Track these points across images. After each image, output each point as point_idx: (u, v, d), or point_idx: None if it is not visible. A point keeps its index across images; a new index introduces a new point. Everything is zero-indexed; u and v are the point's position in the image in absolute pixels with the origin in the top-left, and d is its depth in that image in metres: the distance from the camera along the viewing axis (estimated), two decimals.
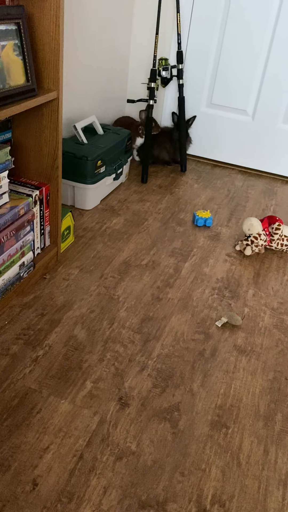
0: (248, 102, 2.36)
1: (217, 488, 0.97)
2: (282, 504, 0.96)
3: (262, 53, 2.23)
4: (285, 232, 1.77)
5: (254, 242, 1.75)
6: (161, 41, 2.28)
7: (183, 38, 2.30)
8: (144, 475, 0.97)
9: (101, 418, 1.07)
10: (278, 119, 2.35)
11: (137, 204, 2.04)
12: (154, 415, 1.10)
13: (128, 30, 2.32)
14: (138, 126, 2.30)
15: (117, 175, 2.04)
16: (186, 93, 2.39)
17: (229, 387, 1.20)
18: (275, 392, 1.20)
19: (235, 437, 1.08)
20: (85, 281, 1.52)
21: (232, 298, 1.54)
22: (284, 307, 1.52)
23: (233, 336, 1.37)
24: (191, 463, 1.01)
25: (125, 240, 1.77)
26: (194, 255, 1.75)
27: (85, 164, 1.81)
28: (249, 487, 0.98)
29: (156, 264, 1.66)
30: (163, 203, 2.09)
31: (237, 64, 2.29)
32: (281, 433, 1.10)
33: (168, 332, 1.36)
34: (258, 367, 1.28)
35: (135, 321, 1.38)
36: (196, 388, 1.18)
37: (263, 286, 1.61)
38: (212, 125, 2.47)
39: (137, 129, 2.30)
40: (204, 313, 1.45)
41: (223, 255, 1.77)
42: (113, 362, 1.23)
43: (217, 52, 2.30)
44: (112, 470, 0.97)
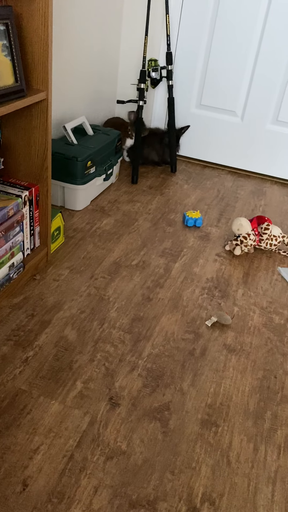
0: (237, 103, 2.38)
1: (207, 486, 0.97)
2: (271, 501, 0.96)
3: (250, 54, 2.25)
4: (274, 232, 1.78)
5: (243, 242, 1.76)
6: (151, 42, 2.29)
7: (173, 39, 2.31)
8: (135, 475, 0.97)
9: (91, 418, 1.08)
10: (267, 120, 2.37)
11: (127, 205, 2.05)
12: (144, 414, 1.10)
13: (117, 31, 2.33)
14: (127, 127, 2.31)
15: (107, 175, 2.04)
16: (175, 94, 2.40)
17: (219, 386, 1.21)
18: (265, 391, 1.21)
19: (225, 436, 1.08)
20: (76, 281, 1.52)
21: (222, 297, 1.55)
22: (273, 306, 1.53)
23: (223, 335, 1.38)
24: (181, 462, 1.01)
25: (115, 240, 1.77)
26: (184, 255, 1.75)
27: (75, 165, 1.81)
28: (239, 485, 0.99)
29: (146, 265, 1.66)
30: (153, 203, 2.09)
31: (226, 65, 2.30)
32: (270, 431, 1.11)
33: (159, 332, 1.37)
34: (248, 365, 1.29)
35: (126, 321, 1.39)
36: (186, 387, 1.19)
37: (252, 286, 1.62)
38: (201, 126, 2.49)
39: (126, 130, 2.30)
40: (194, 312, 1.46)
41: (213, 255, 1.78)
42: (103, 362, 1.23)
43: (206, 53, 2.32)
44: (103, 470, 0.97)
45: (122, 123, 2.35)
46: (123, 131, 2.29)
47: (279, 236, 1.79)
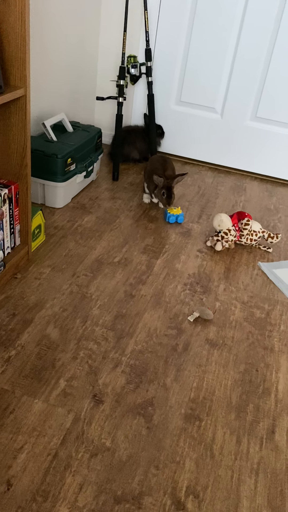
0: (216, 100, 2.39)
1: (191, 479, 0.98)
2: (254, 492, 0.98)
3: (229, 51, 2.26)
4: (254, 227, 1.81)
5: (224, 238, 1.78)
6: (130, 39, 2.28)
7: (151, 36, 2.30)
8: (119, 471, 0.98)
9: (75, 416, 1.07)
10: (246, 116, 2.39)
11: (108, 202, 2.04)
12: (128, 410, 1.11)
13: (96, 27, 2.31)
14: (160, 184, 1.88)
15: (88, 172, 2.03)
16: (155, 90, 2.40)
17: (202, 380, 1.22)
18: (247, 384, 1.23)
19: (208, 429, 1.10)
20: (57, 279, 1.51)
21: (204, 293, 1.56)
22: (254, 300, 1.55)
23: (205, 330, 1.40)
24: (165, 456, 1.02)
25: (97, 238, 1.77)
26: (166, 252, 1.76)
27: (55, 162, 1.80)
28: (222, 477, 1.00)
29: (128, 261, 1.66)
30: (134, 200, 2.09)
31: (205, 62, 2.31)
32: (252, 423, 1.13)
33: (141, 328, 1.37)
34: (230, 359, 1.30)
35: (108, 318, 1.39)
36: (169, 383, 1.20)
37: (233, 281, 1.64)
38: (182, 123, 2.49)
39: (159, 191, 1.90)
40: (176, 308, 1.47)
41: (194, 251, 1.79)
42: (86, 360, 1.23)
43: (185, 50, 2.32)
44: (87, 467, 0.97)
45: (158, 171, 1.92)
46: (152, 180, 1.91)
47: (259, 231, 1.81)
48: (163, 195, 1.87)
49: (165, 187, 1.86)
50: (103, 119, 2.55)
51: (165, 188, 1.86)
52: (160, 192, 1.88)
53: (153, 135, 2.36)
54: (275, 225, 2.05)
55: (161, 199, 1.89)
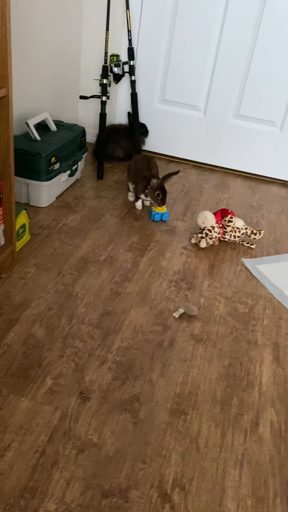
0: (199, 98, 2.41)
1: (177, 472, 1.00)
2: (239, 482, 1.00)
3: (211, 50, 2.28)
4: (237, 224, 1.83)
5: (208, 235, 1.80)
6: (112, 38, 2.29)
7: (134, 35, 2.31)
8: (106, 466, 0.99)
9: (62, 413, 1.08)
10: (228, 114, 2.41)
11: (93, 200, 2.05)
12: (115, 406, 1.12)
13: (79, 26, 2.31)
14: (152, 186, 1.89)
15: (72, 171, 2.03)
16: (138, 89, 2.41)
17: (187, 375, 1.24)
18: (231, 378, 1.25)
19: (193, 423, 1.12)
20: (43, 279, 1.51)
21: (189, 289, 1.58)
22: (238, 296, 1.58)
23: (190, 326, 1.42)
24: (152, 450, 1.04)
25: (82, 236, 1.78)
26: (152, 249, 1.78)
27: (39, 161, 1.80)
28: (208, 469, 1.02)
29: (114, 260, 1.68)
30: (119, 199, 2.10)
31: (187, 61, 2.33)
32: (237, 416, 1.15)
33: (127, 325, 1.38)
34: (214, 354, 1.32)
35: (94, 316, 1.40)
36: (155, 378, 1.22)
37: (217, 277, 1.67)
38: (165, 121, 2.51)
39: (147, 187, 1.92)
40: (162, 305, 1.49)
41: (179, 248, 1.81)
42: (73, 357, 1.24)
43: (167, 49, 2.34)
44: (75, 463, 0.99)
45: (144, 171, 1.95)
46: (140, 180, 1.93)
47: (242, 228, 1.84)
48: (158, 196, 1.88)
49: (159, 187, 1.87)
50: (87, 118, 2.55)
51: (159, 188, 1.87)
52: (154, 193, 1.88)
53: (137, 134, 2.37)
54: (258, 222, 2.08)
55: (156, 199, 1.90)
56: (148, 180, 1.90)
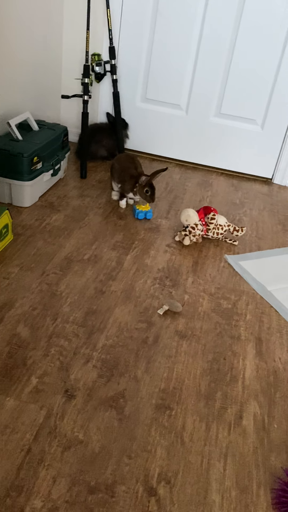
0: (181, 97, 2.43)
1: (162, 466, 1.02)
2: (223, 474, 1.02)
3: (192, 49, 2.30)
4: (219, 221, 1.85)
5: (191, 232, 1.82)
6: (93, 37, 2.29)
7: (115, 34, 2.32)
8: (92, 462, 1.00)
9: (47, 411, 1.09)
10: (210, 112, 2.43)
11: (77, 200, 2.05)
12: (100, 403, 1.13)
13: (59, 25, 2.31)
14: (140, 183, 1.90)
15: (55, 171, 2.03)
16: (120, 88, 2.42)
17: (172, 371, 1.26)
18: (215, 372, 1.27)
19: (178, 418, 1.13)
20: (26, 278, 1.51)
21: (173, 286, 1.59)
22: (221, 292, 1.60)
23: (174, 322, 1.43)
24: (137, 446, 1.05)
25: (66, 236, 1.78)
26: (136, 248, 1.79)
27: (21, 161, 1.79)
28: (193, 463, 1.04)
29: (98, 258, 1.68)
30: (103, 197, 2.11)
31: (169, 59, 2.34)
32: (221, 409, 1.17)
33: (112, 323, 1.39)
34: (199, 349, 1.34)
35: (79, 315, 1.40)
36: (140, 375, 1.23)
37: (201, 274, 1.68)
38: (148, 120, 2.52)
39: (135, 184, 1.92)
40: (146, 302, 1.50)
41: (163, 246, 1.82)
42: (58, 356, 1.24)
43: (148, 48, 2.35)
44: (61, 460, 0.99)
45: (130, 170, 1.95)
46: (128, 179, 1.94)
47: (224, 225, 1.86)
48: (147, 193, 1.89)
49: (147, 185, 1.88)
50: (70, 117, 2.55)
51: (148, 186, 1.88)
52: (143, 190, 1.89)
53: (120, 133, 2.37)
54: (240, 219, 2.11)
55: (145, 196, 1.91)
56: (136, 178, 1.91)
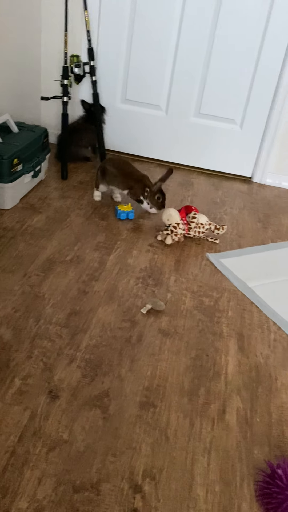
0: (160, 98, 2.45)
1: (147, 463, 1.03)
2: (207, 469, 1.04)
3: (170, 49, 2.32)
4: (201, 220, 1.87)
5: (173, 231, 1.84)
6: (71, 38, 2.29)
7: (93, 35, 2.32)
8: (78, 461, 1.00)
9: (32, 412, 1.09)
10: (189, 113, 2.46)
11: (58, 201, 2.05)
12: (84, 403, 1.13)
13: (37, 27, 2.30)
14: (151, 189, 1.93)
15: (36, 172, 2.02)
16: (100, 89, 2.42)
17: (155, 368, 1.27)
18: (198, 369, 1.29)
19: (162, 415, 1.14)
20: (8, 281, 1.51)
21: (156, 285, 1.61)
22: (203, 289, 1.62)
23: (157, 320, 1.44)
24: (122, 443, 1.06)
25: (47, 237, 1.77)
26: (118, 248, 1.79)
27: (1, 163, 1.78)
28: (177, 458, 1.05)
29: (80, 259, 1.68)
30: (85, 198, 2.11)
31: (147, 60, 2.36)
32: (204, 405, 1.18)
33: (96, 323, 1.40)
34: (182, 347, 1.35)
35: (62, 316, 1.40)
36: (124, 373, 1.24)
37: (183, 272, 1.70)
38: (128, 121, 2.53)
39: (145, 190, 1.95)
40: (129, 302, 1.51)
41: (145, 245, 1.84)
42: (41, 357, 1.24)
43: (127, 49, 2.36)
44: (46, 461, 0.99)
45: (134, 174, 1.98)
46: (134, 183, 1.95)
47: (205, 223, 1.88)
48: (159, 199, 1.93)
49: (159, 191, 1.92)
50: (50, 119, 2.54)
51: (159, 192, 1.92)
52: (154, 197, 1.92)
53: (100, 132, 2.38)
54: (221, 217, 2.13)
55: (156, 203, 1.94)
56: (143, 182, 1.94)
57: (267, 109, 2.37)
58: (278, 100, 2.32)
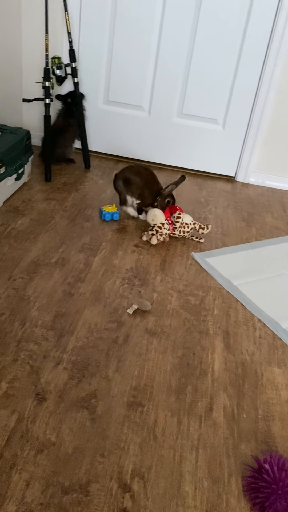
0: (143, 98, 2.45)
1: (136, 462, 1.03)
2: (196, 466, 1.05)
3: (152, 49, 2.33)
4: (185, 219, 1.89)
5: (158, 232, 1.84)
6: (52, 40, 2.28)
7: (74, 37, 2.32)
8: (66, 463, 1.00)
9: (19, 415, 1.08)
10: (172, 113, 2.47)
11: (42, 203, 2.04)
12: (72, 405, 1.13)
13: (18, 29, 2.29)
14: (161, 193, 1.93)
15: (19, 175, 2.01)
16: (82, 91, 2.41)
17: (143, 368, 1.27)
18: (185, 367, 1.30)
19: (150, 414, 1.15)
20: None
21: (142, 285, 1.61)
22: (189, 288, 1.63)
23: (144, 320, 1.45)
24: (110, 444, 1.06)
25: (32, 240, 1.77)
26: (104, 249, 1.79)
27: None
28: (165, 457, 1.05)
29: (66, 261, 1.68)
30: (69, 200, 2.11)
31: (129, 61, 2.36)
32: (191, 403, 1.19)
33: (82, 325, 1.40)
34: (168, 346, 1.36)
35: (48, 318, 1.40)
36: (111, 374, 1.24)
37: (169, 272, 1.71)
38: (111, 122, 2.53)
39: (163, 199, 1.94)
40: (116, 302, 1.51)
41: (131, 246, 1.84)
42: (27, 360, 1.24)
43: (109, 50, 2.36)
44: (34, 464, 0.99)
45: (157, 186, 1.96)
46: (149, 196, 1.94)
47: (190, 223, 1.89)
48: (168, 203, 1.93)
49: (169, 195, 1.93)
50: (32, 121, 2.53)
51: (169, 196, 1.93)
52: (164, 201, 1.92)
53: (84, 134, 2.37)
54: (206, 217, 2.15)
55: (166, 206, 1.93)
56: (156, 194, 1.93)
57: (249, 109, 2.39)
58: (259, 100, 2.34)
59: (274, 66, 2.26)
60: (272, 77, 2.29)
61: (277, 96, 2.34)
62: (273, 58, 2.24)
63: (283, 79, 2.30)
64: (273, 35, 2.20)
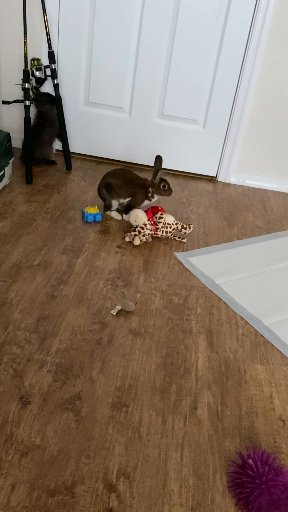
0: (123, 100, 2.46)
1: (121, 462, 1.03)
2: (181, 464, 1.05)
3: (131, 50, 2.33)
4: (167, 220, 1.90)
5: (141, 232, 1.85)
6: (31, 42, 2.27)
7: (53, 38, 2.31)
8: (51, 465, 1.00)
9: (2, 419, 1.08)
10: (153, 114, 2.48)
11: (23, 206, 2.02)
12: (56, 407, 1.13)
13: None
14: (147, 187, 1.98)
15: None
16: (62, 92, 2.41)
17: (127, 368, 1.28)
18: (169, 366, 1.31)
19: (135, 414, 1.15)
20: None
21: (125, 286, 1.62)
22: (172, 288, 1.64)
23: (127, 321, 1.45)
24: (95, 445, 1.06)
25: (13, 243, 1.75)
26: (86, 250, 1.79)
27: None
28: (151, 456, 1.06)
29: (48, 264, 1.67)
30: (51, 202, 2.10)
31: (109, 62, 2.37)
32: (176, 402, 1.20)
33: (65, 327, 1.39)
34: (152, 346, 1.37)
35: (31, 321, 1.39)
36: (95, 375, 1.24)
37: (152, 272, 1.72)
38: (92, 123, 2.53)
39: (145, 190, 1.98)
40: (99, 304, 1.51)
41: (114, 247, 1.84)
42: (10, 364, 1.23)
43: (88, 51, 2.36)
44: (19, 467, 0.98)
45: (136, 180, 2.01)
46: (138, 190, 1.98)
47: (172, 223, 1.90)
48: (164, 187, 1.96)
49: (161, 180, 1.95)
50: (12, 123, 2.51)
51: (163, 181, 1.95)
52: (159, 187, 1.95)
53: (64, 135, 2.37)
54: (188, 217, 2.16)
55: (163, 192, 1.96)
56: (144, 186, 1.96)
57: (229, 110, 2.42)
58: (239, 100, 2.37)
59: (253, 67, 2.29)
60: (251, 79, 2.32)
61: (256, 97, 2.38)
62: (252, 59, 2.27)
63: (261, 80, 2.33)
64: (250, 37, 2.23)
